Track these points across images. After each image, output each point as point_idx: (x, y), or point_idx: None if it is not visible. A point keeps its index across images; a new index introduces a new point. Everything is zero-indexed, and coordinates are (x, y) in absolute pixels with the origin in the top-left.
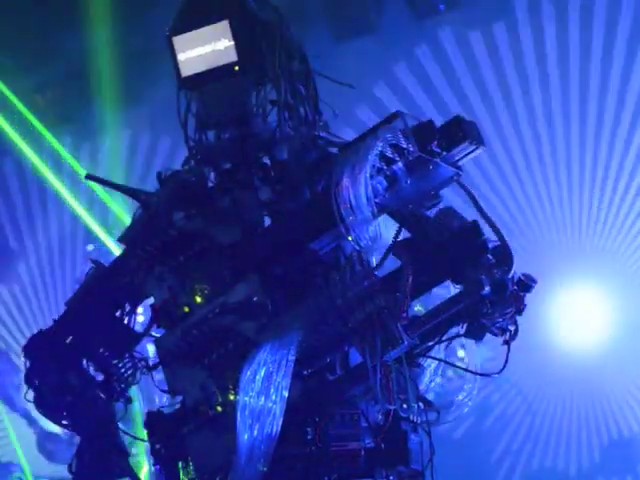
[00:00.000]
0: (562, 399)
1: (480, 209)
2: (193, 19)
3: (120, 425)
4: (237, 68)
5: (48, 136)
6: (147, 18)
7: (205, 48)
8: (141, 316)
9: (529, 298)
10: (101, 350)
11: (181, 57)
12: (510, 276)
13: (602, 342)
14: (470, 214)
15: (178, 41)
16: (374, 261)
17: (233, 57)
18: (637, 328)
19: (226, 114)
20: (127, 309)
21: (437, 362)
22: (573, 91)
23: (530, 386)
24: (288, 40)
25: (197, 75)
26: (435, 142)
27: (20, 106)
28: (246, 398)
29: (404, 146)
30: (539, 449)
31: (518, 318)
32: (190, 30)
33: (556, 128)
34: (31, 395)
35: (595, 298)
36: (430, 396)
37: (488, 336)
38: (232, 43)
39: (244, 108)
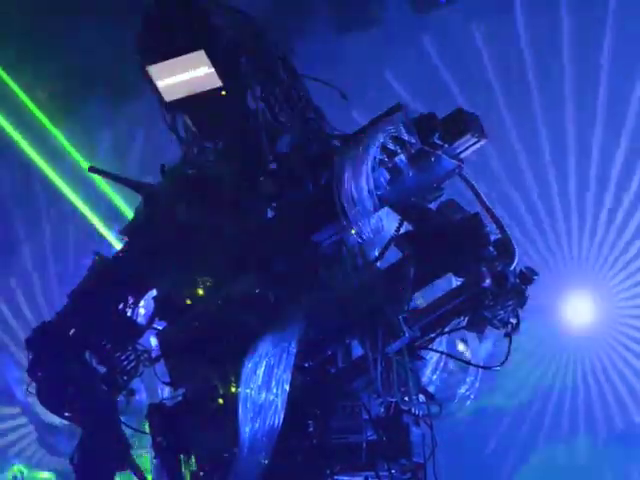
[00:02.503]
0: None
1: (482, 201)
2: (163, 46)
3: (122, 418)
4: (224, 93)
5: (51, 129)
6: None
7: (184, 75)
8: (142, 309)
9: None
10: (104, 342)
11: (160, 84)
12: (512, 269)
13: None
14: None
15: (154, 70)
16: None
17: (216, 82)
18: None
19: (219, 130)
20: (130, 301)
21: (439, 355)
22: (579, 80)
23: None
24: (268, 49)
25: (183, 100)
26: (437, 134)
27: (23, 99)
28: (248, 391)
29: (406, 138)
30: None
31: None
32: (164, 59)
33: (559, 120)
34: (34, 387)
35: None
36: (432, 389)
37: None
38: (212, 70)
39: (236, 122)
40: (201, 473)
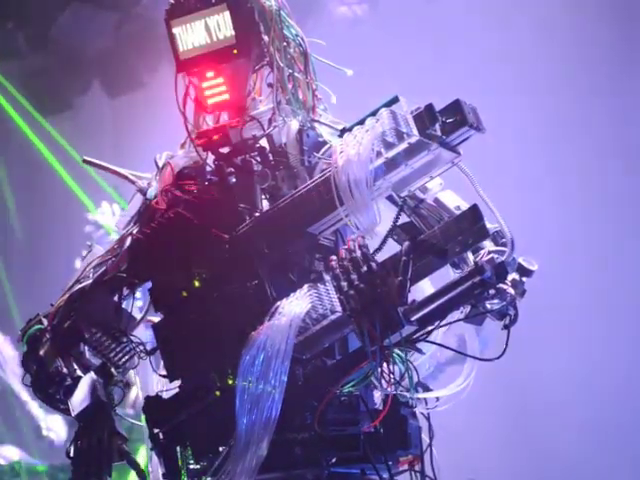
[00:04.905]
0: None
1: (479, 193)
2: (191, 2)
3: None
4: (236, 52)
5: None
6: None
7: (203, 31)
8: (139, 301)
9: None
10: (99, 335)
11: (179, 41)
12: (510, 260)
13: None
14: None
15: (176, 24)
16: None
17: (232, 41)
18: None
19: (225, 97)
20: (125, 293)
21: (435, 347)
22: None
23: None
24: (286, 24)
25: (196, 58)
26: (435, 126)
27: (17, 92)
28: (244, 383)
29: (404, 130)
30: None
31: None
32: (188, 13)
33: (559, 110)
34: (28, 380)
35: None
36: (428, 381)
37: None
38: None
39: (243, 92)
40: (198, 465)
